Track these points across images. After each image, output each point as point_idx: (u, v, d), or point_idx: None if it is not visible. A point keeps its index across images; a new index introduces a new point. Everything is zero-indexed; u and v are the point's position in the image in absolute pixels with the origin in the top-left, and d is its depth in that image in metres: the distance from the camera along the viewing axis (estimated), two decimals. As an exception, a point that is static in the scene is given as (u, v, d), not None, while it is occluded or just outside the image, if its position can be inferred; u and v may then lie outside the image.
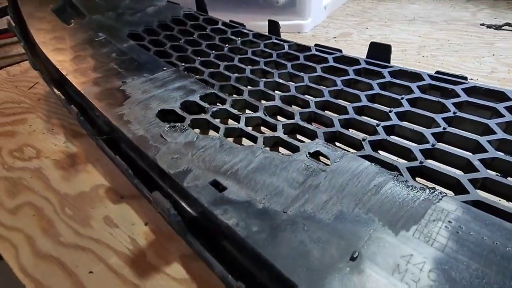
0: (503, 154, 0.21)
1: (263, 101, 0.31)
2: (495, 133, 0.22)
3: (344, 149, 0.23)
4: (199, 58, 0.39)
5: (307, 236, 0.16)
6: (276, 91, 0.32)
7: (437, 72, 0.29)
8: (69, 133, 0.32)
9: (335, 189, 0.18)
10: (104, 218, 0.24)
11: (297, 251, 0.15)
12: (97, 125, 0.29)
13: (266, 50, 0.38)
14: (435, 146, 0.22)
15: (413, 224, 0.16)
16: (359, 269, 0.14)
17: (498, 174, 0.20)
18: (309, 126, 0.25)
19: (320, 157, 0.23)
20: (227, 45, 0.41)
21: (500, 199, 0.19)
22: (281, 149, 0.25)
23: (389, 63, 0.32)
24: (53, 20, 0.44)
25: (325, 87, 0.31)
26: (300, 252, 0.15)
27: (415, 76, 0.29)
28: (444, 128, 0.23)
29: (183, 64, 0.38)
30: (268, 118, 0.27)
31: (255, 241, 0.15)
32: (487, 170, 0.20)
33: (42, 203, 0.25)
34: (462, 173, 0.20)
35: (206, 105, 0.29)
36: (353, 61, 0.33)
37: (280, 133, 0.25)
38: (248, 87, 0.33)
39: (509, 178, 0.20)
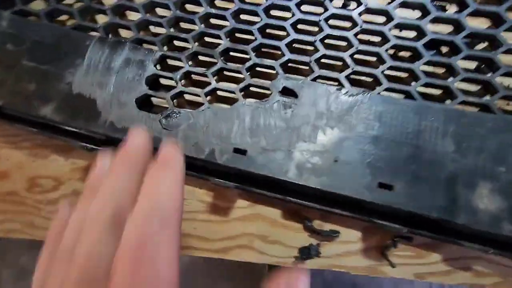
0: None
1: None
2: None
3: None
4: (107, 8, 0.33)
5: (307, 159, 0.27)
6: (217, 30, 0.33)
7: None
8: (55, 151, 0.32)
9: (311, 116, 0.28)
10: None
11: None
12: (94, 138, 0.31)
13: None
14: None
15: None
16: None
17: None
18: (267, 61, 0.31)
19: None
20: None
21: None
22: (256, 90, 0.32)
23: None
24: None
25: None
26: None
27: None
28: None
29: (97, 25, 0.33)
30: (229, 65, 0.31)
31: (281, 175, 0.27)
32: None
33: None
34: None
35: (167, 73, 0.31)
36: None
37: (248, 79, 0.30)
38: (184, 34, 0.32)
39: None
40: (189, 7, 0.35)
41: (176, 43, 0.35)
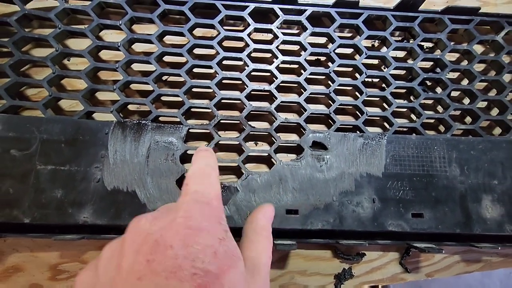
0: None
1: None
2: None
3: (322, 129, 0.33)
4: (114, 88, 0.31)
5: (352, 207, 0.31)
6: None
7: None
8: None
9: (343, 164, 0.32)
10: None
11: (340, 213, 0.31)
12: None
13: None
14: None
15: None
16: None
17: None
18: (291, 119, 0.33)
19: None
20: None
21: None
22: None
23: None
24: None
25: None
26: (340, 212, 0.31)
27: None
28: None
29: (109, 107, 0.31)
30: (257, 128, 0.32)
31: (336, 226, 0.30)
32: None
33: None
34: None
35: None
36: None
37: (278, 140, 0.32)
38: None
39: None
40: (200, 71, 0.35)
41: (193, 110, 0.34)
